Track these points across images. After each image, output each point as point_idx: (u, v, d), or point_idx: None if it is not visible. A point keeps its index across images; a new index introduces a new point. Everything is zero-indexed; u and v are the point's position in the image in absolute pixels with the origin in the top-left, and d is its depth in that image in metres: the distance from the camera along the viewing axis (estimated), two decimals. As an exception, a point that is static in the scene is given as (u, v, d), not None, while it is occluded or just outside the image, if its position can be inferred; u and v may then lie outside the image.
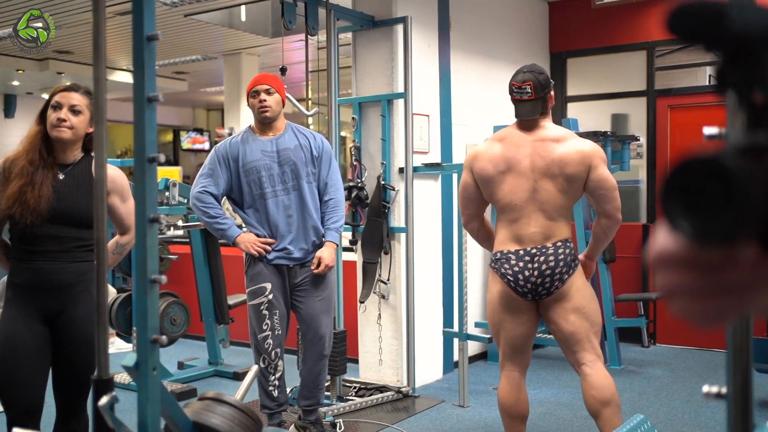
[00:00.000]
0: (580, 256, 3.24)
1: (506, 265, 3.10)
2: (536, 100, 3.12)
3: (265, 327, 3.65)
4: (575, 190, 3.09)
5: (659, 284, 0.55)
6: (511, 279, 3.09)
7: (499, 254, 3.15)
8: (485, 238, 3.36)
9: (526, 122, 3.16)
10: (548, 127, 3.16)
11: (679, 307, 0.55)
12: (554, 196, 3.07)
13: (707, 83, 6.44)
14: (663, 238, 0.54)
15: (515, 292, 3.11)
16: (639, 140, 6.43)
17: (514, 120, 3.21)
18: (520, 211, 3.10)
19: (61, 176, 2.67)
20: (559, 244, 3.07)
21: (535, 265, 3.05)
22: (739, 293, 0.53)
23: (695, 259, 0.52)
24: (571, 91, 6.97)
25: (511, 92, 3.17)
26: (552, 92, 3.20)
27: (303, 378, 3.82)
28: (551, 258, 3.04)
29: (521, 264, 3.07)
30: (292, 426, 3.95)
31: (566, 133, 3.19)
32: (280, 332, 3.68)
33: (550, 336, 5.67)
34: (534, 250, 3.06)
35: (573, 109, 6.91)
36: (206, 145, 14.96)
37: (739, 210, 0.48)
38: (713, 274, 0.52)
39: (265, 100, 3.67)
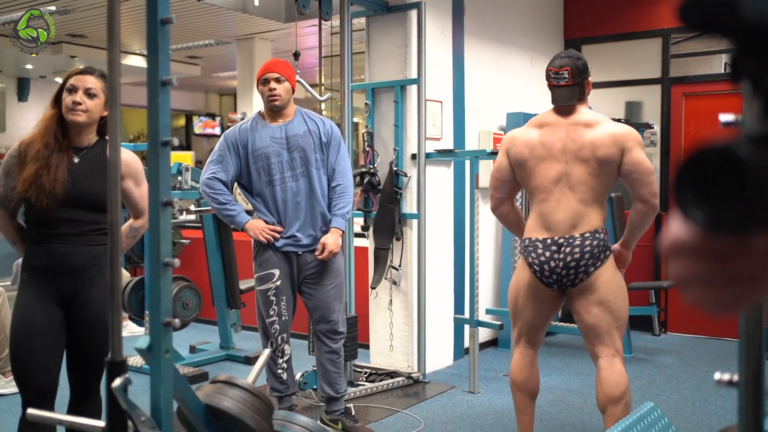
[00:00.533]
0: (616, 246, 3.19)
1: (533, 254, 3.08)
2: (573, 85, 3.09)
3: (272, 312, 3.68)
4: (608, 174, 3.03)
5: (673, 272, 0.55)
6: (537, 269, 3.07)
7: (527, 241, 3.14)
8: (514, 224, 3.34)
9: (563, 108, 3.12)
10: (583, 112, 3.12)
11: (693, 295, 0.55)
12: (586, 179, 3.03)
13: (722, 71, 6.38)
14: (676, 227, 0.54)
15: (541, 282, 3.09)
16: (653, 128, 6.39)
17: (551, 106, 3.17)
18: (549, 192, 3.07)
19: (76, 160, 2.68)
20: (588, 234, 3.02)
21: (561, 255, 3.02)
22: (751, 282, 0.53)
23: (708, 248, 0.52)
24: (585, 78, 6.92)
25: (548, 77, 3.13)
26: (590, 78, 3.17)
27: (321, 365, 3.82)
28: (577, 250, 3.01)
29: (548, 254, 3.05)
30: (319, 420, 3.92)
31: (600, 117, 3.13)
32: (286, 317, 3.71)
33: (561, 323, 5.71)
34: (561, 240, 3.03)
35: (587, 96, 6.86)
36: (217, 130, 14.92)
37: (753, 200, 0.48)
38: (726, 262, 0.52)
39: (274, 89, 3.65)
